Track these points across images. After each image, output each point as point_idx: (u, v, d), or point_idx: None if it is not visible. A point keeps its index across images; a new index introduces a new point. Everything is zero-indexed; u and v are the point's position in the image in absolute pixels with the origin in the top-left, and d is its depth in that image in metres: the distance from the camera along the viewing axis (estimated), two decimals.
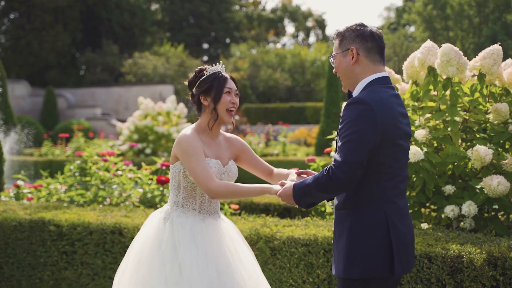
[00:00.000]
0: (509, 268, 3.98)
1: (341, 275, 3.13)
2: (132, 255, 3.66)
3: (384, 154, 3.06)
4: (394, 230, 3.08)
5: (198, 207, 3.64)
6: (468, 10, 43.34)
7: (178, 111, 17.95)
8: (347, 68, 3.23)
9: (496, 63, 5.02)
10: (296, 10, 58.62)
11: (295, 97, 38.26)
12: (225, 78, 3.66)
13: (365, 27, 3.24)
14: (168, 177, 6.42)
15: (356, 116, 3.00)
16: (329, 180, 3.01)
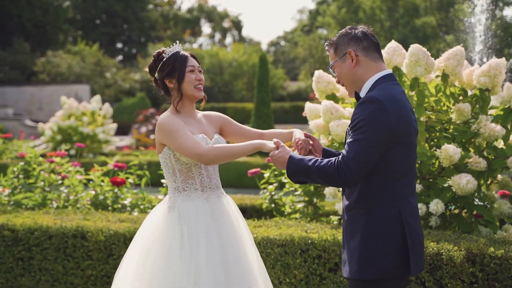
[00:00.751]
0: (488, 265, 4.07)
1: (356, 276, 3.07)
2: (139, 249, 3.53)
3: (396, 152, 3.04)
4: (409, 229, 3.06)
5: (199, 186, 3.58)
6: (380, 14, 44.54)
7: (104, 111, 17.50)
8: (350, 72, 3.20)
9: (459, 64, 5.15)
10: (213, 10, 58.57)
11: (213, 98, 38.09)
12: (185, 57, 3.60)
13: (355, 29, 3.25)
14: (123, 178, 6.24)
15: (369, 114, 2.97)
16: (336, 174, 2.98)
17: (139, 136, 25.05)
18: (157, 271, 3.38)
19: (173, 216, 3.50)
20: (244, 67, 39.16)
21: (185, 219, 3.47)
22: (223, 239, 3.50)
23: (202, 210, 3.51)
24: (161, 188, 6.42)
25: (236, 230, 3.60)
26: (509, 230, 4.92)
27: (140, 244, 3.54)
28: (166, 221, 3.51)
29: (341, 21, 45.17)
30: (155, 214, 3.64)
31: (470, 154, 5.04)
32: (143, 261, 3.45)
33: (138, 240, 3.60)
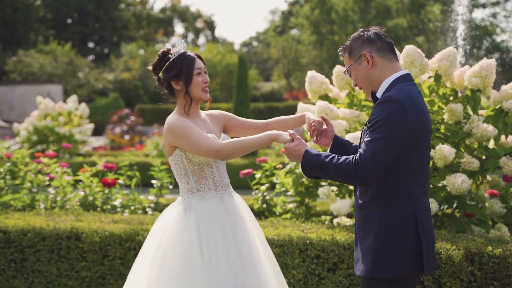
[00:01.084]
0: (486, 263, 4.12)
1: (369, 275, 3.09)
2: (152, 253, 3.49)
3: (413, 152, 3.06)
4: (423, 229, 3.08)
5: (213, 186, 3.57)
6: (352, 16, 44.85)
7: (80, 111, 17.33)
8: (366, 74, 3.21)
9: (452, 65, 5.20)
10: (186, 10, 58.38)
11: None
12: (193, 59, 3.57)
13: (367, 30, 3.26)
14: (114, 179, 6.19)
15: (387, 114, 2.98)
16: (353, 172, 2.99)
17: (113, 137, 24.89)
18: (176, 275, 3.35)
19: (190, 218, 3.48)
20: (218, 67, 39.12)
21: (202, 219, 3.46)
22: (237, 237, 3.50)
23: (217, 209, 3.51)
24: (151, 189, 6.38)
25: (248, 227, 3.61)
26: (502, 229, 4.99)
27: (153, 248, 3.51)
28: (182, 223, 3.48)
29: (314, 22, 45.39)
30: (168, 216, 3.60)
31: (463, 154, 5.10)
32: (158, 265, 3.42)
33: (151, 243, 3.55)
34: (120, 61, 41.30)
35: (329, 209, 6.63)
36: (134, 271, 3.58)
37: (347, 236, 4.60)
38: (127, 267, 5.00)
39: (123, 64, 40.19)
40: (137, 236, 4.97)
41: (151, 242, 3.56)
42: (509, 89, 5.23)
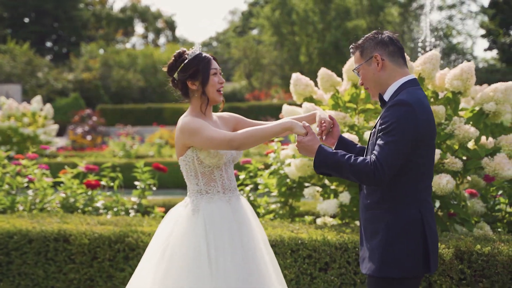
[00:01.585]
0: (475, 261, 4.24)
1: (377, 274, 3.15)
2: (158, 255, 3.49)
3: (422, 154, 3.14)
4: (429, 229, 3.16)
5: (221, 188, 3.59)
6: (313, 17, 45.15)
7: (45, 112, 17.08)
8: (375, 75, 3.28)
9: (435, 68, 5.33)
10: (146, 10, 57.94)
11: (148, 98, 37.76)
12: (209, 60, 3.60)
13: (381, 33, 3.33)
14: (97, 180, 6.15)
15: (400, 117, 3.06)
16: (371, 173, 3.04)
17: (75, 137, 24.63)
18: (183, 276, 3.36)
19: (198, 219, 3.49)
20: None
21: (210, 222, 3.47)
22: (243, 240, 3.52)
23: (225, 212, 3.53)
24: (134, 190, 6.36)
25: (254, 230, 3.64)
26: (484, 228, 5.12)
27: (160, 248, 3.50)
28: (190, 224, 3.49)
29: (275, 23, 45.54)
30: (176, 216, 3.60)
31: (446, 154, 5.22)
32: (165, 265, 3.42)
33: (158, 244, 3.55)
34: (80, 61, 40.80)
35: (311, 209, 6.71)
36: (139, 271, 3.57)
37: (338, 236, 4.68)
38: (116, 269, 4.99)
39: (83, 64, 39.71)
40: (127, 238, 4.96)
41: (158, 242, 3.56)
42: (490, 91, 5.37)
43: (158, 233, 3.64)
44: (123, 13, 56.74)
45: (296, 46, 45.90)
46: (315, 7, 45.27)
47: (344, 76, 5.71)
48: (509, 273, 4.17)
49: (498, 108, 5.36)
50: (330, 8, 45.07)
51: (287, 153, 5.89)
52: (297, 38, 46.11)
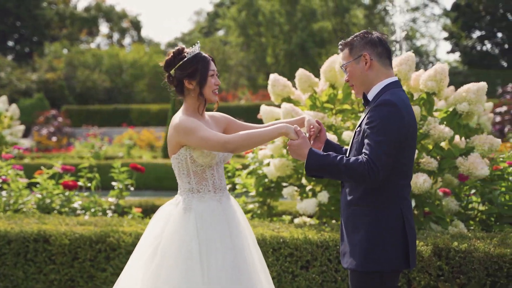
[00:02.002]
0: (453, 258, 4.36)
1: (359, 268, 3.24)
2: (149, 253, 3.50)
3: (405, 153, 3.25)
4: (408, 225, 3.27)
5: (212, 188, 3.61)
6: (279, 18, 45.32)
7: (11, 112, 16.85)
8: (362, 74, 3.36)
9: (411, 69, 5.45)
10: (111, 10, 57.41)
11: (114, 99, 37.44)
12: (209, 60, 3.62)
13: (371, 33, 3.40)
14: (74, 181, 6.13)
15: (387, 117, 3.15)
16: (366, 173, 3.11)
17: (40, 138, 24.32)
18: (174, 275, 3.38)
19: (190, 218, 3.51)
20: (146, 68, 38.72)
21: (202, 221, 3.50)
22: (234, 240, 3.55)
23: (216, 212, 3.56)
24: (111, 191, 6.34)
25: (243, 230, 3.67)
26: (458, 226, 5.24)
27: (151, 247, 3.52)
28: (182, 223, 3.51)
29: (241, 24, 45.60)
30: (166, 214, 3.62)
31: (422, 154, 5.34)
32: (156, 264, 3.44)
33: (148, 242, 3.56)
34: (44, 60, 40.24)
35: (288, 209, 6.78)
36: (128, 270, 3.57)
37: (319, 234, 4.75)
38: (97, 269, 4.98)
39: (47, 64, 39.19)
40: (108, 238, 4.96)
41: (148, 241, 3.57)
42: (463, 92, 5.51)
43: (148, 231, 3.64)
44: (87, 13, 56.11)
45: (263, 47, 46.03)
46: (281, 8, 45.44)
47: (321, 76, 5.79)
48: (485, 269, 4.29)
49: (471, 109, 5.49)
50: (296, 9, 45.29)
51: (265, 153, 5.95)
52: (264, 39, 46.25)
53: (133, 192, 6.64)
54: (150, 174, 13.90)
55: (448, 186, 5.59)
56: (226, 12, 49.33)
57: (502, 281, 4.27)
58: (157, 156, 17.41)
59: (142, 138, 21.80)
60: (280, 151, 5.69)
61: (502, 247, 4.32)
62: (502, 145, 12.76)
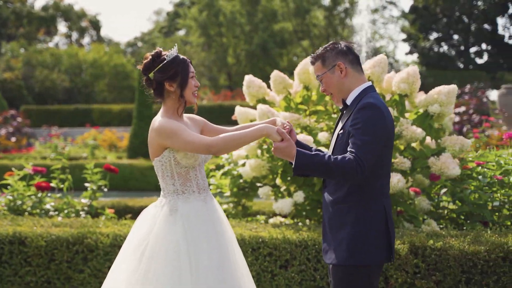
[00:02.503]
0: (429, 256, 4.47)
1: (344, 262, 3.36)
2: (137, 255, 3.50)
3: (385, 153, 3.42)
4: (390, 221, 3.44)
5: (196, 188, 3.63)
6: (240, 19, 45.37)
7: None
8: (339, 82, 3.50)
9: (383, 71, 5.56)
10: (69, 9, 56.63)
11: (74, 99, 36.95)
12: (188, 62, 3.65)
13: (340, 43, 3.55)
14: (47, 182, 6.07)
15: (371, 118, 3.31)
16: (354, 170, 3.23)
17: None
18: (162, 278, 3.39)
19: (176, 219, 3.52)
20: (106, 68, 38.34)
21: (188, 222, 3.52)
22: (219, 240, 3.58)
23: (201, 212, 3.59)
24: (84, 192, 6.30)
25: (227, 230, 3.71)
26: (431, 224, 5.36)
27: (138, 251, 3.51)
28: (168, 225, 3.51)
29: (202, 24, 45.50)
30: (151, 218, 3.61)
31: (395, 154, 5.44)
32: (143, 269, 3.44)
33: (134, 245, 3.55)
34: (1, 60, 39.52)
35: (262, 209, 6.83)
36: (113, 274, 3.56)
37: (298, 234, 4.81)
38: (74, 270, 4.96)
39: (5, 63, 38.48)
40: (86, 239, 4.94)
41: (133, 244, 3.56)
42: (434, 94, 5.63)
43: (132, 235, 3.64)
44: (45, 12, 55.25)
45: (224, 48, 46.02)
46: (242, 9, 45.51)
47: (295, 78, 5.86)
48: (460, 266, 4.40)
49: (442, 110, 5.62)
50: (257, 10, 45.41)
51: (240, 154, 5.99)
52: (225, 39, 46.25)
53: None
54: (116, 175, 13.80)
55: (419, 186, 5.71)
56: (187, 12, 49.13)
57: (476, 278, 4.39)
58: (122, 156, 17.30)
59: (104, 139, 21.58)
60: (255, 151, 5.73)
61: (476, 244, 4.43)
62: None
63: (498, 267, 4.36)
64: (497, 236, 4.55)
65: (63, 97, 37.08)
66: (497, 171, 5.42)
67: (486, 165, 5.50)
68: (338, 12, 47.95)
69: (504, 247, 4.36)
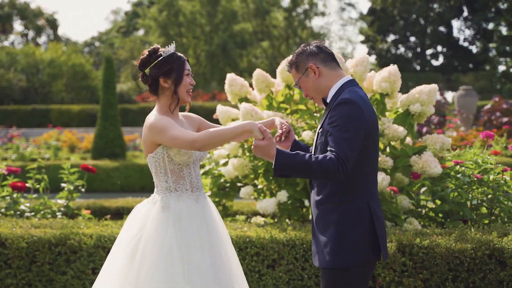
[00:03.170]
0: (416, 254, 4.50)
1: (331, 265, 3.29)
2: (127, 253, 3.46)
3: (369, 149, 3.32)
4: (377, 219, 3.34)
5: (189, 186, 3.60)
6: (200, 19, 45.29)
7: None
8: (315, 84, 3.44)
9: (366, 70, 5.60)
10: (25, 7, 55.59)
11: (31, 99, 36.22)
12: (184, 60, 3.64)
13: (309, 45, 3.50)
14: (23, 183, 5.93)
15: (347, 114, 3.21)
16: (335, 168, 3.14)
17: None
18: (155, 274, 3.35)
19: (169, 216, 3.49)
20: (64, 67, 37.69)
21: (180, 219, 3.49)
22: (212, 239, 3.55)
23: (193, 210, 3.56)
24: (61, 192, 6.15)
25: (220, 230, 3.67)
26: (413, 223, 5.40)
27: (130, 247, 3.47)
28: (161, 222, 3.48)
29: (162, 24, 45.24)
30: (143, 215, 3.57)
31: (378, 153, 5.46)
32: (136, 266, 3.39)
33: (126, 241, 3.51)
34: None
35: (240, 209, 6.79)
36: (104, 274, 3.52)
37: (285, 233, 4.79)
38: (57, 272, 4.85)
39: None
40: (69, 240, 4.83)
41: (125, 242, 3.52)
42: (416, 93, 5.68)
43: (123, 232, 3.59)
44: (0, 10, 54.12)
45: (184, 48, 45.83)
46: (202, 9, 45.43)
47: (277, 76, 5.84)
48: (447, 264, 4.44)
49: (423, 109, 5.67)
50: (217, 10, 45.39)
51: (220, 153, 5.95)
52: (185, 40, 46.08)
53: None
54: (81, 176, 13.59)
55: (398, 185, 5.75)
56: (146, 12, 48.75)
57: (463, 275, 4.43)
58: (86, 157, 17.02)
59: (64, 139, 21.21)
60: (237, 151, 5.70)
61: (462, 242, 4.48)
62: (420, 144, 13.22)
63: (484, 265, 4.41)
64: (481, 234, 4.60)
65: (20, 97, 36.25)
66: (476, 170, 5.48)
67: (464, 164, 5.56)
68: (298, 13, 48.24)
69: (490, 244, 4.42)
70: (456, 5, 45.18)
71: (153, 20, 45.87)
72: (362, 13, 51.53)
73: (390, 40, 48.03)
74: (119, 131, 16.21)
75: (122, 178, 13.96)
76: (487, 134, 5.98)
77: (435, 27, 46.63)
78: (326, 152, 3.27)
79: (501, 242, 4.41)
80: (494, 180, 5.32)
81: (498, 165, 5.43)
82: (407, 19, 46.41)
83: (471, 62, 46.17)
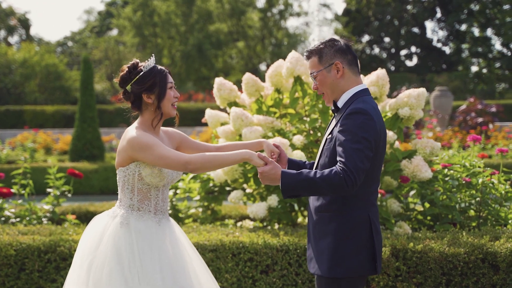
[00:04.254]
0: (410, 258, 4.50)
1: (326, 274, 3.27)
2: (85, 267, 3.37)
3: (375, 160, 3.28)
4: (375, 232, 3.31)
5: (153, 209, 3.50)
6: (175, 19, 45.06)
7: None
8: (334, 82, 3.35)
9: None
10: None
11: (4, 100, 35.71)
12: (166, 73, 3.54)
13: (339, 41, 3.40)
14: (8, 188, 5.83)
15: (360, 124, 3.16)
16: (343, 182, 3.08)
17: None
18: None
19: (126, 233, 3.39)
20: (37, 68, 37.23)
21: (139, 236, 3.40)
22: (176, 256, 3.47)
23: (154, 229, 3.46)
24: (48, 197, 6.06)
25: (185, 250, 3.58)
26: (403, 226, 5.41)
27: (85, 265, 3.38)
28: (119, 238, 3.39)
29: (136, 24, 44.94)
30: (101, 229, 3.47)
31: None
32: (92, 282, 3.32)
33: (84, 256, 3.42)
34: None
35: (228, 213, 6.75)
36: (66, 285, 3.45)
37: (278, 238, 4.76)
38: (46, 280, 4.77)
39: None
40: (59, 247, 4.75)
41: (81, 257, 3.44)
42: (404, 97, 5.69)
43: (82, 245, 3.50)
44: None
45: (159, 48, 45.60)
46: (177, 9, 45.22)
47: (267, 80, 5.82)
48: (440, 268, 4.46)
49: (412, 113, 5.68)
50: (192, 10, 45.21)
51: None
52: (160, 40, 45.84)
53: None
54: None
55: (387, 188, 5.76)
56: (120, 12, 48.37)
57: (456, 279, 4.45)
58: (64, 159, 16.80)
59: (39, 141, 20.94)
60: None
61: (455, 246, 4.49)
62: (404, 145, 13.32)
63: (478, 269, 4.43)
64: (473, 237, 4.62)
65: None
66: (464, 173, 5.51)
67: (452, 167, 5.59)
68: (273, 14, 48.25)
69: (483, 248, 4.44)
70: (429, 6, 45.58)
71: (128, 20, 45.51)
72: (337, 14, 51.72)
73: (365, 40, 48.25)
74: (98, 133, 16.03)
75: (101, 180, 13.79)
76: (474, 138, 6.01)
77: (409, 28, 46.97)
78: (333, 158, 3.24)
79: (493, 246, 4.44)
80: (482, 183, 5.35)
81: (487, 169, 5.47)
82: (382, 20, 46.68)
83: (444, 63, 46.60)
